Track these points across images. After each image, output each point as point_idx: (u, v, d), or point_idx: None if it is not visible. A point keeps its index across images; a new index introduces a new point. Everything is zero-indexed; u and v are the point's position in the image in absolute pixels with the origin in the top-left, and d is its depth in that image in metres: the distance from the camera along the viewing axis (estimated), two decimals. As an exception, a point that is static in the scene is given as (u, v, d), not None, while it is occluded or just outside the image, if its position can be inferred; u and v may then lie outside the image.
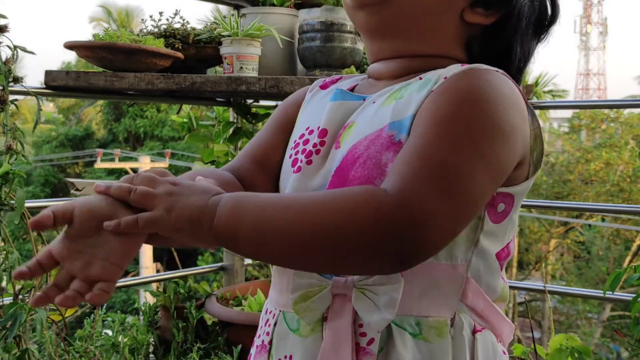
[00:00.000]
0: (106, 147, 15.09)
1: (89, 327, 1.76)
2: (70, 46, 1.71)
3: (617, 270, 1.59)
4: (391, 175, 0.69)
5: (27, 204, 1.55)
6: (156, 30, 1.87)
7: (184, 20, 1.90)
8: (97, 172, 14.44)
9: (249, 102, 2.21)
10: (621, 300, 1.90)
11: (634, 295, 1.59)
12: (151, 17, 1.90)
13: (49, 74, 1.68)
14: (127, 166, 14.15)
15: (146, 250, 11.66)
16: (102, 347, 1.76)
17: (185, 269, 2.16)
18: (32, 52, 1.57)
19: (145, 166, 13.18)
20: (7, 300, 1.53)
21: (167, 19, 1.89)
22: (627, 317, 10.33)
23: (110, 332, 1.82)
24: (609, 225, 12.09)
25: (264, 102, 2.31)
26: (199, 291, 2.01)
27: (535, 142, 0.80)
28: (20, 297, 1.54)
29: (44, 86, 1.69)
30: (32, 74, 1.68)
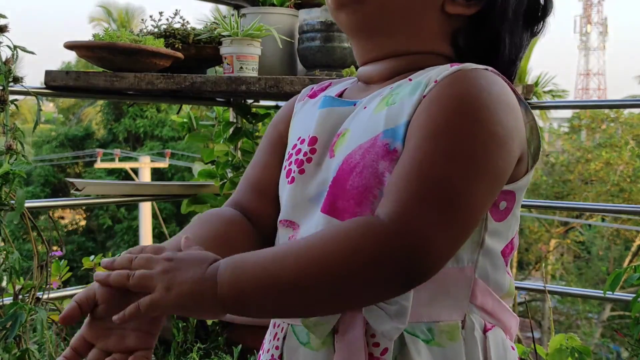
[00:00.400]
0: (106, 147, 15.08)
1: (89, 327, 1.76)
2: (70, 46, 1.71)
3: (617, 270, 1.59)
4: (387, 198, 0.69)
5: (27, 204, 1.55)
6: (156, 30, 1.87)
7: (184, 20, 1.91)
8: (97, 172, 14.43)
9: (249, 102, 2.21)
10: (621, 300, 1.91)
11: (634, 295, 1.59)
12: (151, 17, 1.91)
13: (49, 74, 1.68)
14: (127, 166, 14.15)
15: (146, 250, 11.64)
16: (102, 347, 1.76)
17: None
18: (32, 52, 1.57)
19: (145, 166, 13.17)
20: (7, 300, 1.53)
21: (167, 19, 1.89)
22: (627, 317, 10.33)
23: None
24: (609, 225, 12.08)
25: (264, 102, 2.31)
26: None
27: (531, 134, 0.79)
28: (20, 297, 1.54)
29: (44, 86, 1.69)
30: (32, 74, 1.68)
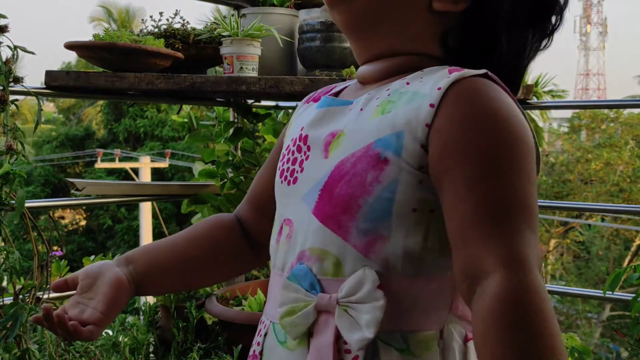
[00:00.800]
0: (106, 147, 15.09)
1: (89, 327, 1.76)
2: (70, 46, 1.71)
3: (617, 270, 1.59)
4: (484, 255, 0.67)
5: (27, 204, 1.55)
6: (156, 30, 1.87)
7: (184, 20, 1.91)
8: (97, 172, 14.43)
9: (250, 102, 2.21)
10: (621, 300, 1.90)
11: (633, 295, 1.59)
12: (151, 17, 1.91)
13: (49, 74, 1.68)
14: (127, 166, 14.15)
15: (146, 250, 11.64)
16: (102, 347, 1.76)
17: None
18: (32, 52, 1.57)
19: (145, 166, 13.18)
20: (8, 300, 1.53)
21: (167, 19, 1.89)
22: (627, 317, 10.33)
23: (110, 332, 1.82)
24: (609, 225, 12.08)
25: (265, 102, 2.31)
26: (199, 291, 2.01)
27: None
28: (20, 297, 1.54)
29: (44, 86, 1.69)
30: (32, 74, 1.68)
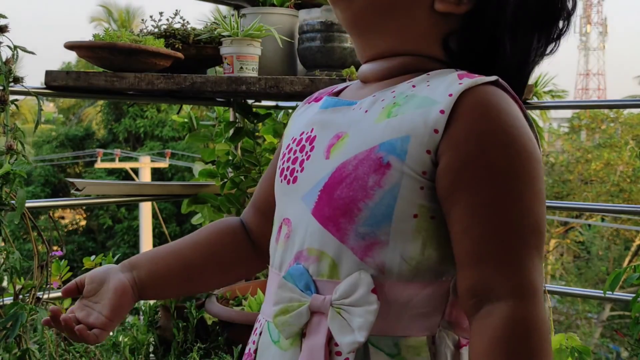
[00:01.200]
0: (106, 147, 15.08)
1: (89, 327, 1.76)
2: (70, 46, 1.71)
3: (617, 270, 1.60)
4: (496, 279, 0.70)
5: (27, 204, 1.55)
6: (156, 30, 1.87)
7: (184, 20, 1.91)
8: (98, 172, 14.43)
9: (250, 102, 2.21)
10: (621, 300, 1.91)
11: (633, 295, 1.59)
12: (151, 17, 1.91)
13: (49, 74, 1.68)
14: (127, 166, 14.14)
15: (146, 250, 11.65)
16: (102, 347, 1.76)
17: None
18: (32, 52, 1.57)
19: (145, 166, 13.17)
20: (8, 300, 1.53)
21: (167, 19, 1.89)
22: (627, 317, 10.33)
23: (110, 332, 1.82)
24: (609, 225, 12.08)
25: (265, 102, 2.31)
26: (199, 291, 2.01)
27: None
28: (20, 297, 1.54)
29: (44, 86, 1.69)
30: (32, 74, 1.68)
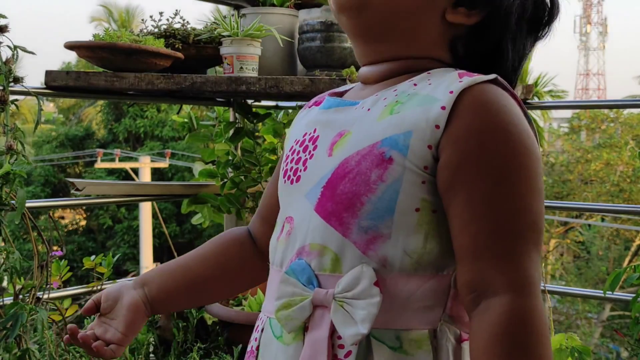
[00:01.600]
0: (106, 147, 15.08)
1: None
2: (70, 46, 1.71)
3: (617, 270, 1.60)
4: (495, 274, 0.71)
5: (27, 204, 1.55)
6: (156, 30, 1.87)
7: (184, 20, 1.91)
8: (98, 172, 14.42)
9: (250, 102, 2.21)
10: (621, 300, 1.91)
11: (633, 295, 1.59)
12: (151, 17, 1.91)
13: (49, 74, 1.68)
14: (127, 166, 14.14)
15: (146, 250, 11.65)
16: (102, 347, 1.76)
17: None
18: (32, 52, 1.57)
19: (145, 166, 13.17)
20: (8, 300, 1.53)
21: (167, 19, 1.89)
22: (627, 317, 10.33)
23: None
24: (609, 225, 12.08)
25: (265, 102, 2.31)
26: (199, 291, 2.01)
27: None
28: (20, 297, 1.54)
29: (44, 86, 1.69)
30: (32, 74, 1.68)
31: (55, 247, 1.72)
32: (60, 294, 1.73)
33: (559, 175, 12.66)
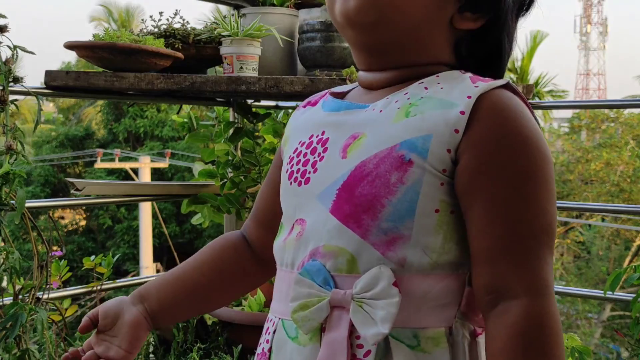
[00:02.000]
0: (106, 147, 15.07)
1: (89, 327, 1.75)
2: (70, 46, 1.71)
3: (617, 270, 1.60)
4: (513, 278, 0.73)
5: (27, 204, 1.55)
6: (156, 30, 1.87)
7: (184, 20, 1.90)
8: (97, 172, 14.42)
9: (250, 102, 2.21)
10: (621, 300, 1.90)
11: (634, 295, 1.59)
12: (151, 17, 1.91)
13: (49, 74, 1.68)
14: (127, 166, 14.14)
15: (146, 250, 11.65)
16: (102, 347, 1.76)
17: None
18: (32, 52, 1.57)
19: (145, 166, 13.17)
20: (8, 300, 1.53)
21: (167, 19, 1.89)
22: (627, 317, 10.33)
23: None
24: (609, 225, 12.09)
25: (265, 102, 2.31)
26: (199, 291, 2.01)
27: None
28: (20, 297, 1.54)
29: (44, 86, 1.69)
30: (32, 74, 1.68)
31: (55, 247, 1.72)
32: (60, 294, 1.73)
33: (559, 175, 12.66)
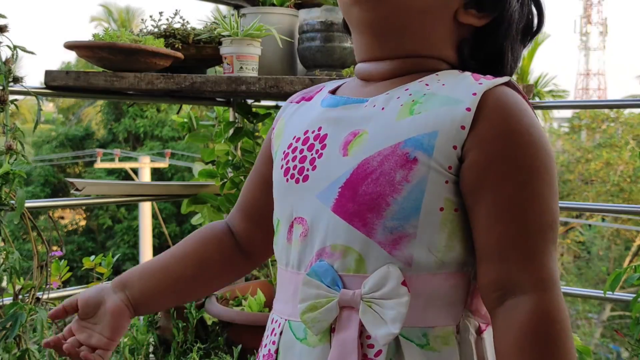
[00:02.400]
0: (106, 147, 15.07)
1: (89, 327, 1.76)
2: (70, 46, 1.71)
3: (617, 270, 1.60)
4: (521, 274, 0.74)
5: (27, 204, 1.55)
6: (156, 30, 1.87)
7: (184, 20, 1.90)
8: (97, 172, 14.42)
9: (250, 101, 2.21)
10: (621, 300, 1.91)
11: (634, 295, 1.59)
12: (151, 17, 1.90)
13: (49, 74, 1.68)
14: (127, 166, 14.14)
15: (146, 250, 11.65)
16: (102, 347, 1.75)
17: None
18: (32, 52, 1.57)
19: (145, 166, 13.17)
20: (7, 300, 1.53)
21: (167, 19, 1.89)
22: (627, 317, 10.33)
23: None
24: (609, 225, 12.09)
25: (265, 102, 2.31)
26: (199, 291, 2.01)
27: None
28: (20, 297, 1.54)
29: (44, 86, 1.69)
30: (32, 74, 1.69)
31: (54, 247, 1.72)
32: (59, 294, 1.72)
33: (559, 175, 12.66)
